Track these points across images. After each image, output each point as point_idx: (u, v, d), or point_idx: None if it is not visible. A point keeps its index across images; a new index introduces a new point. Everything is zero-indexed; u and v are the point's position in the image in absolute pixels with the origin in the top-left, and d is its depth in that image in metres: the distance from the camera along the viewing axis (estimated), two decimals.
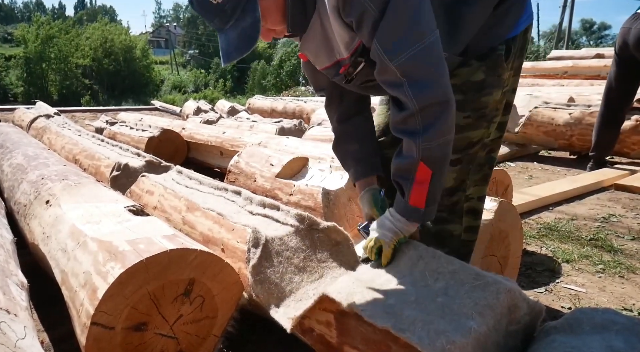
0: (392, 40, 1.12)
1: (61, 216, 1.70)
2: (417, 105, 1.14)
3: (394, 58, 1.12)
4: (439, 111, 1.16)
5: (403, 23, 1.10)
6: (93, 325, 1.18)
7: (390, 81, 1.17)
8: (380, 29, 1.11)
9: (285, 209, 1.63)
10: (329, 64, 1.36)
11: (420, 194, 1.23)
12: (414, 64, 1.12)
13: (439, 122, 1.16)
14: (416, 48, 1.11)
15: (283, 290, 1.40)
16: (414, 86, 1.13)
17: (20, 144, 3.30)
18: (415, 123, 1.16)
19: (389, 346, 1.03)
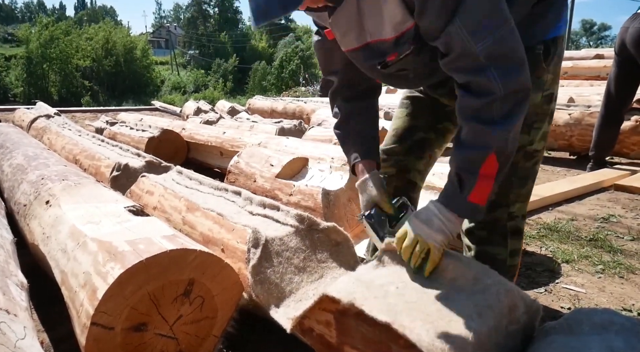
0: (479, 21, 1.04)
1: (61, 216, 1.70)
2: (502, 91, 1.06)
3: (479, 40, 1.04)
4: (520, 99, 1.09)
5: (488, 3, 1.04)
6: (93, 325, 1.18)
7: (469, 67, 1.09)
8: (463, 10, 1.04)
9: (285, 210, 1.63)
10: (358, 46, 1.28)
11: (484, 190, 1.13)
12: (502, 46, 1.05)
13: (518, 111, 1.10)
14: (503, 30, 1.05)
15: (283, 290, 1.40)
16: (501, 70, 1.06)
17: (20, 144, 3.30)
18: (495, 110, 1.08)
19: (389, 346, 1.03)
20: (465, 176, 1.14)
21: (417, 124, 1.62)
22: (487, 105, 1.08)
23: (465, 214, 1.18)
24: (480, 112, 1.10)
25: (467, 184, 1.13)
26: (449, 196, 1.17)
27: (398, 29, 1.16)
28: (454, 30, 1.06)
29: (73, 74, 32.34)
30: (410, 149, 1.62)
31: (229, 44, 51.28)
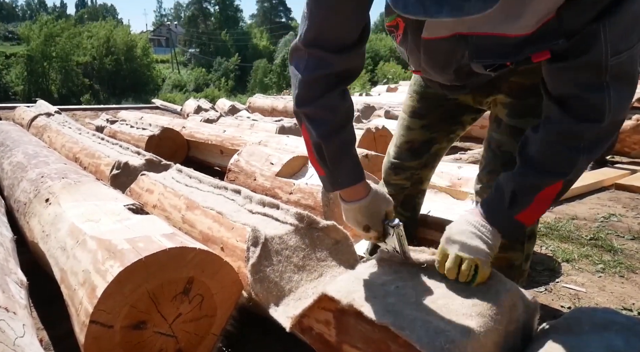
0: (624, 33, 0.88)
1: (61, 214, 1.70)
2: (611, 116, 0.92)
3: (616, 53, 0.88)
4: (614, 130, 0.96)
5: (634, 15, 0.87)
6: (92, 323, 1.17)
7: (587, 80, 0.92)
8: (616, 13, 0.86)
9: (284, 208, 1.63)
10: (447, 35, 1.04)
11: (536, 212, 1.04)
12: (630, 66, 0.91)
13: (606, 142, 0.96)
14: (636, 48, 0.90)
15: (282, 289, 1.40)
16: (619, 94, 0.91)
17: (20, 142, 3.30)
18: (593, 137, 0.95)
19: (388, 345, 1.03)
20: (522, 196, 1.03)
21: (434, 137, 1.55)
22: (588, 131, 0.94)
23: (507, 232, 1.07)
24: (576, 137, 0.95)
25: (521, 203, 1.03)
26: (494, 211, 1.06)
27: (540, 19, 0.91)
28: (597, 32, 0.87)
29: (74, 72, 32.33)
30: (426, 163, 1.58)
31: (230, 42, 51.25)
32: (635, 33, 0.89)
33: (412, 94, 1.58)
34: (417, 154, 1.56)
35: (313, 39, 1.04)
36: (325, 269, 1.47)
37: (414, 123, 1.55)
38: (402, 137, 1.60)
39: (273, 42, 51.87)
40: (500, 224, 1.05)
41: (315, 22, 1.03)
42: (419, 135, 1.54)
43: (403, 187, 1.62)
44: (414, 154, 1.56)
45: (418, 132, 1.54)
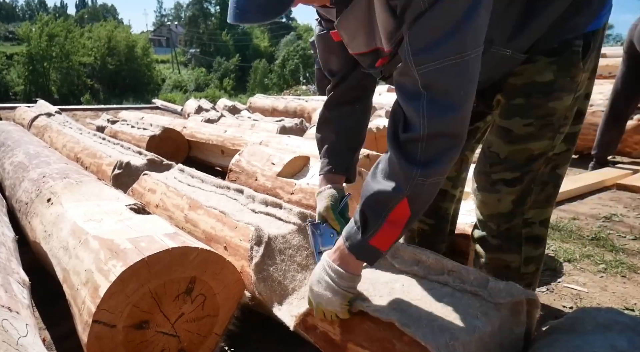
0: (425, 41, 0.90)
1: (62, 214, 1.70)
2: (427, 130, 0.91)
3: (420, 63, 0.90)
4: (448, 145, 0.94)
5: (446, 25, 0.88)
6: (95, 323, 1.17)
7: (407, 89, 0.95)
8: (417, 24, 0.90)
9: (287, 207, 1.63)
10: (367, 50, 1.16)
11: (389, 237, 1.01)
12: (442, 79, 0.91)
13: (444, 158, 0.95)
14: (450, 60, 0.89)
15: (286, 288, 1.40)
16: (434, 105, 0.91)
17: (21, 143, 3.30)
18: (417, 151, 0.93)
19: (393, 344, 1.03)
20: (372, 217, 1.00)
21: None
22: (408, 143, 0.95)
23: (364, 257, 1.06)
24: (403, 146, 0.96)
25: (371, 226, 1.01)
26: (351, 235, 1.05)
27: (392, 40, 1.03)
28: (404, 41, 0.93)
29: (74, 72, 32.33)
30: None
31: (230, 42, 51.24)
32: (442, 48, 0.89)
33: None
34: None
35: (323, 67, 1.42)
36: None
37: None
38: None
39: (274, 42, 51.86)
40: (355, 249, 1.04)
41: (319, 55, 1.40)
42: None
43: None
44: None
45: None
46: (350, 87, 1.39)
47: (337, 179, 1.42)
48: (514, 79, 1.22)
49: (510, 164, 1.26)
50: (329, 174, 1.41)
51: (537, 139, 1.22)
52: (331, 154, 1.41)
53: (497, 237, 1.36)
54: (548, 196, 1.36)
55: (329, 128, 1.44)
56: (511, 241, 1.36)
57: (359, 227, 1.03)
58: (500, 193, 1.31)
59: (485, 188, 1.35)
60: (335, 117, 1.42)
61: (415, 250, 1.26)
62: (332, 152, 1.42)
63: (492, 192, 1.33)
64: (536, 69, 1.18)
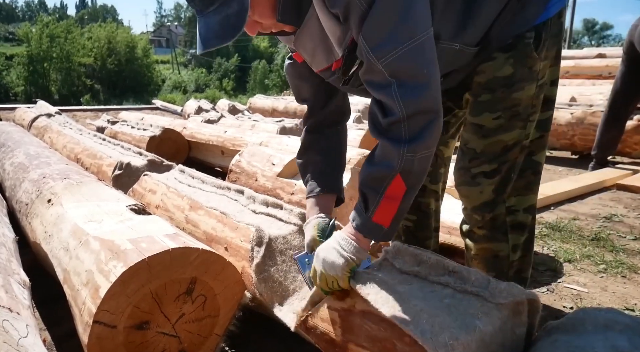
0: (380, 36, 1.00)
1: (63, 215, 1.70)
2: (404, 111, 1.01)
3: (381, 56, 1.00)
4: (427, 120, 1.04)
5: (392, 17, 0.98)
6: (95, 323, 1.18)
7: (377, 82, 1.05)
8: (366, 24, 1.00)
9: (288, 208, 1.63)
10: (327, 66, 1.25)
11: (388, 211, 1.09)
12: (404, 64, 1.00)
13: (426, 132, 1.03)
14: (406, 46, 0.99)
15: (287, 288, 1.40)
16: (404, 88, 1.01)
17: (21, 143, 3.30)
18: (401, 131, 1.03)
19: (394, 344, 1.03)
20: (370, 194, 1.09)
21: None
22: (392, 125, 1.04)
23: (370, 234, 1.13)
24: (387, 130, 1.05)
25: (371, 203, 1.09)
26: (355, 215, 1.13)
27: (342, 44, 1.12)
28: (360, 44, 1.03)
29: (74, 73, 32.34)
30: None
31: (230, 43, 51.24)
32: (397, 37, 0.98)
33: None
34: None
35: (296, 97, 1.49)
36: None
37: None
38: None
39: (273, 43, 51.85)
40: (361, 227, 1.12)
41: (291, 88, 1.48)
42: None
43: None
44: None
45: None
46: (329, 112, 1.44)
47: (328, 200, 1.42)
48: (478, 77, 1.30)
49: (487, 156, 1.33)
50: (318, 196, 1.40)
51: (507, 129, 1.30)
52: (319, 176, 1.42)
53: (483, 227, 1.42)
54: (528, 183, 1.43)
55: (313, 151, 1.46)
56: (497, 230, 1.41)
57: (361, 207, 1.11)
58: (481, 185, 1.38)
59: (467, 182, 1.41)
60: (319, 140, 1.45)
61: (416, 251, 1.26)
62: (321, 174, 1.43)
63: (473, 185, 1.39)
64: (496, 65, 1.26)
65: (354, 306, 1.15)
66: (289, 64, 1.41)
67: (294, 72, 1.41)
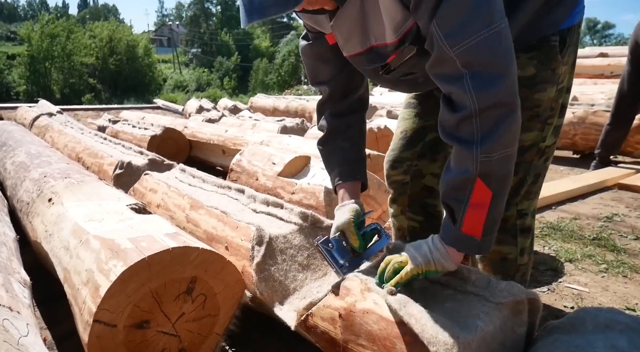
0: (454, 23, 0.93)
1: (64, 214, 1.70)
2: (477, 105, 0.94)
3: (455, 44, 0.93)
4: (502, 115, 0.96)
5: (468, 3, 0.93)
6: (95, 323, 1.18)
7: (447, 74, 0.98)
8: (441, 9, 0.93)
9: (289, 207, 1.63)
10: (361, 50, 1.18)
11: (477, 220, 1.01)
12: (480, 53, 0.93)
13: (501, 128, 0.96)
14: (483, 34, 0.92)
15: (287, 288, 1.40)
16: (477, 79, 0.94)
17: (23, 142, 3.30)
18: (473, 128, 0.96)
19: (394, 343, 1.03)
20: (455, 204, 1.03)
21: (427, 125, 1.53)
22: (462, 121, 0.97)
23: (462, 248, 1.07)
24: (457, 129, 0.99)
25: (457, 213, 1.03)
26: (444, 227, 1.08)
27: (399, 30, 1.06)
28: (432, 32, 0.97)
29: (76, 72, 32.36)
30: (422, 153, 1.54)
31: (231, 42, 51.27)
32: (473, 23, 0.92)
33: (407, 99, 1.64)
34: (411, 143, 1.53)
35: (311, 80, 1.44)
36: (330, 268, 1.47)
37: (408, 113, 1.56)
38: (398, 129, 1.61)
39: (275, 42, 51.89)
40: (452, 240, 1.06)
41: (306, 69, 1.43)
42: (412, 124, 1.54)
43: (403, 183, 1.58)
44: (408, 143, 1.54)
45: (411, 120, 1.55)
46: (356, 99, 1.42)
47: (356, 187, 1.40)
48: None
49: None
50: (347, 183, 1.38)
51: (526, 130, 1.25)
52: (348, 163, 1.40)
53: None
54: (538, 188, 1.41)
55: (339, 137, 1.42)
56: (507, 233, 1.38)
57: (448, 220, 1.06)
58: None
59: None
60: (345, 126, 1.42)
61: None
62: (349, 161, 1.40)
63: None
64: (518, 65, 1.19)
65: (354, 305, 1.15)
66: (307, 44, 1.35)
67: (312, 53, 1.35)
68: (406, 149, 1.55)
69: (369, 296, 1.16)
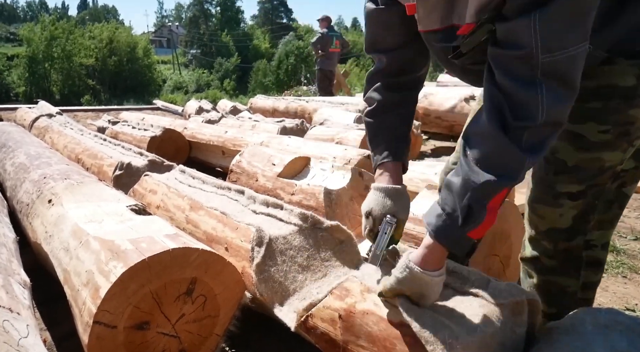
0: (558, 28, 0.84)
1: (63, 215, 1.70)
2: (544, 119, 0.87)
3: (548, 51, 0.85)
4: (551, 133, 0.91)
5: (579, 11, 0.84)
6: (95, 324, 1.18)
7: (520, 76, 0.89)
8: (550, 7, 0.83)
9: (288, 208, 1.63)
10: (439, 27, 1.07)
11: (487, 225, 0.97)
12: (565, 68, 0.87)
13: (546, 145, 0.92)
14: (574, 49, 0.85)
15: (287, 289, 1.40)
16: (552, 94, 0.87)
17: (22, 143, 3.30)
18: (522, 137, 0.90)
19: (394, 344, 1.03)
20: (477, 208, 0.95)
21: None
22: (518, 130, 0.90)
23: (458, 248, 1.00)
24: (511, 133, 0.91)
25: (475, 217, 0.95)
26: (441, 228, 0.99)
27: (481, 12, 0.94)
28: (527, 24, 0.85)
29: (75, 73, 32.38)
30: None
31: (231, 43, 51.27)
32: (573, 33, 0.85)
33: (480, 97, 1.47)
34: None
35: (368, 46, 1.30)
36: (330, 269, 1.47)
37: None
38: None
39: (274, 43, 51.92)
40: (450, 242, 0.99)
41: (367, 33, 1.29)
42: None
43: None
44: None
45: None
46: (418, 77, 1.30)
47: (399, 168, 1.27)
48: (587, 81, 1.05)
49: (578, 174, 1.15)
50: (393, 163, 1.25)
51: (611, 148, 1.10)
52: (397, 141, 1.27)
53: (553, 257, 1.24)
54: (613, 218, 1.26)
55: (392, 113, 1.28)
56: (569, 263, 1.24)
57: (456, 219, 0.97)
58: (563, 207, 1.19)
59: (547, 201, 1.21)
60: (399, 101, 1.29)
61: None
62: (398, 139, 1.28)
63: (554, 205, 1.20)
64: (616, 71, 1.06)
65: (354, 306, 1.15)
66: (375, 9, 1.22)
67: (379, 19, 1.23)
68: None
69: (369, 297, 1.16)
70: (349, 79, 13.69)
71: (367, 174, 2.30)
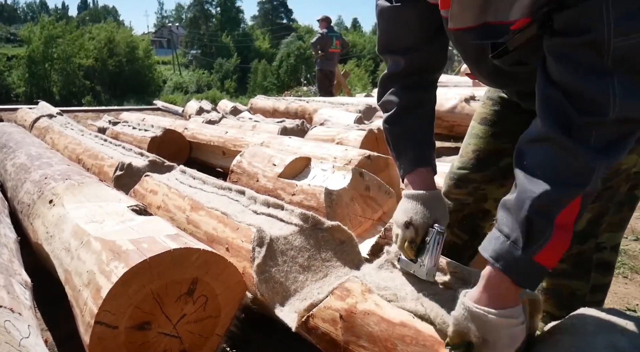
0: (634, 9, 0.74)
1: (64, 216, 1.71)
2: (616, 114, 0.76)
3: (622, 33, 0.74)
4: (631, 131, 0.80)
5: None
6: (97, 324, 1.18)
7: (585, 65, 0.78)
8: None
9: (289, 209, 1.63)
10: (473, 25, 0.99)
11: (560, 246, 0.84)
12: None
13: (627, 145, 0.80)
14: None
15: (288, 289, 1.40)
16: (627, 85, 0.76)
17: (23, 144, 3.30)
18: (591, 137, 0.79)
19: (395, 344, 1.03)
20: (540, 224, 0.81)
21: (504, 148, 1.36)
22: (585, 127, 0.79)
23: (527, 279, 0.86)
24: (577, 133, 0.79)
25: (539, 235, 0.82)
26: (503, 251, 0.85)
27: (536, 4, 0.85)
28: (598, 5, 0.75)
29: (75, 74, 32.41)
30: (493, 177, 1.40)
31: (231, 44, 51.30)
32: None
33: (485, 100, 1.46)
34: (484, 165, 1.39)
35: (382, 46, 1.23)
36: (331, 269, 1.47)
37: (483, 131, 1.41)
38: (469, 146, 1.45)
39: (274, 44, 51.92)
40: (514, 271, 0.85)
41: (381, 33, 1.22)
42: (486, 144, 1.39)
43: (464, 202, 1.45)
44: (480, 165, 1.40)
45: (486, 140, 1.39)
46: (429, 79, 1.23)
47: (430, 172, 1.19)
48: None
49: None
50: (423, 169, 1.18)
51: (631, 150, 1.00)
52: (422, 145, 1.20)
53: (565, 261, 1.21)
54: (622, 219, 1.23)
55: (412, 115, 1.20)
56: (580, 267, 1.21)
57: (517, 239, 0.84)
58: None
59: None
60: (419, 102, 1.22)
61: None
62: (423, 143, 1.20)
63: None
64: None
65: (355, 306, 1.15)
66: (391, 6, 1.14)
67: (395, 18, 1.16)
68: (477, 171, 1.41)
69: (370, 298, 1.16)
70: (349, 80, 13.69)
71: (368, 174, 2.30)
